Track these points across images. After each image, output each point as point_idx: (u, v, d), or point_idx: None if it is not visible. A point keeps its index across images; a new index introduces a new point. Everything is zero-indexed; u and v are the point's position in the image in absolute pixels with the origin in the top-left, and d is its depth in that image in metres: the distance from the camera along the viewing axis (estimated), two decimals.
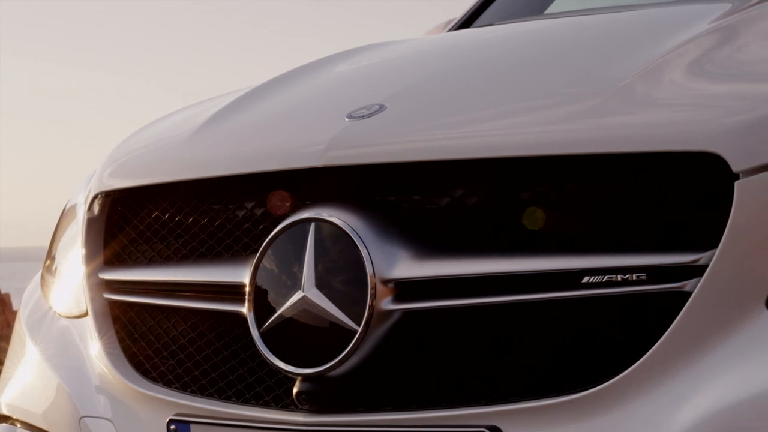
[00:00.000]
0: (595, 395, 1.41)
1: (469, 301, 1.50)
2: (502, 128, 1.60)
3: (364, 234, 1.55)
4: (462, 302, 1.50)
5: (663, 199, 1.45)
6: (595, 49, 1.82)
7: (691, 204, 1.43)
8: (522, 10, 2.69)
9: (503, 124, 1.61)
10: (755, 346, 1.36)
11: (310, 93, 1.96)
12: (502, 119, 1.63)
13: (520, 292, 1.48)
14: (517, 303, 1.48)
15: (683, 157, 1.42)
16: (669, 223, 1.44)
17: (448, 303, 1.51)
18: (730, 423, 1.33)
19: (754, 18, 1.78)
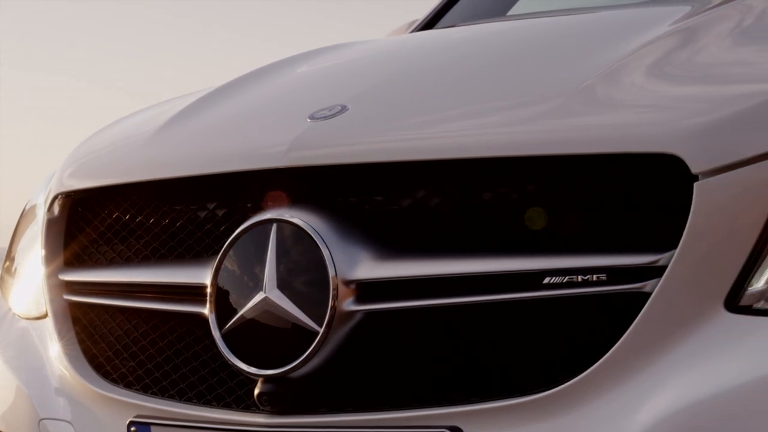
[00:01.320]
0: (556, 395, 1.41)
1: (430, 302, 1.51)
2: (465, 129, 1.61)
3: (326, 235, 1.55)
4: (424, 303, 1.51)
5: (624, 200, 1.45)
6: (557, 50, 1.83)
7: (651, 205, 1.44)
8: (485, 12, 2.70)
9: (465, 125, 1.62)
10: (714, 346, 1.37)
11: (272, 93, 1.96)
12: (464, 120, 1.63)
13: (481, 293, 1.48)
14: (478, 304, 1.48)
15: (643, 158, 1.43)
16: (629, 223, 1.45)
17: (410, 304, 1.51)
18: (689, 423, 1.34)
19: (713, 20, 1.79)
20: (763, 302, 1.38)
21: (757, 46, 1.69)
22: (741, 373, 1.34)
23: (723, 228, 1.39)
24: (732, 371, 1.34)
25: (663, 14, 1.94)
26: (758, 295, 1.38)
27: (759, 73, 1.59)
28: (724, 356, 1.36)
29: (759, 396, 1.33)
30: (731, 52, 1.68)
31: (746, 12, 1.83)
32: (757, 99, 1.44)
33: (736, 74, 1.60)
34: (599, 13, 2.19)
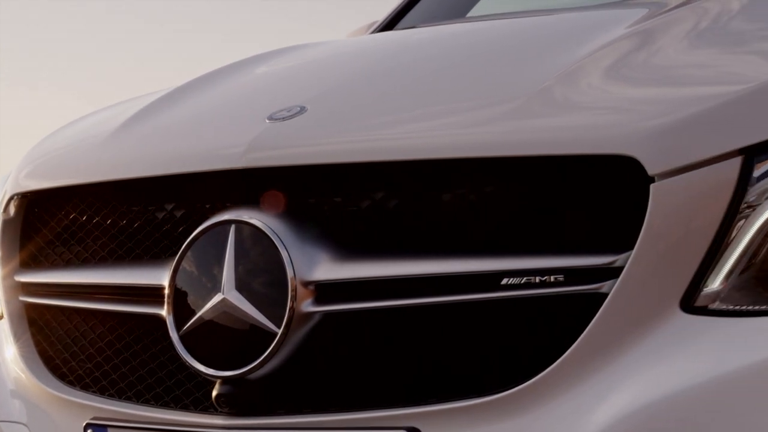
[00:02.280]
0: (514, 396, 1.42)
1: (389, 303, 1.51)
2: (423, 131, 1.61)
3: (285, 236, 1.55)
4: (382, 304, 1.51)
5: (581, 201, 1.46)
6: (515, 52, 1.83)
7: (608, 206, 1.45)
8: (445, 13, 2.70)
9: (424, 127, 1.62)
10: (670, 346, 1.38)
11: (231, 94, 1.96)
12: (422, 122, 1.64)
13: (439, 294, 1.48)
14: (436, 305, 1.49)
15: (601, 159, 1.44)
16: (587, 225, 1.46)
17: (368, 305, 1.51)
18: (645, 423, 1.35)
19: (670, 23, 1.81)
20: (719, 303, 1.40)
21: (712, 48, 1.70)
22: (696, 373, 1.35)
23: (679, 229, 1.40)
24: (687, 372, 1.35)
25: (620, 17, 1.96)
26: (713, 295, 1.40)
27: (714, 75, 1.60)
28: (680, 357, 1.37)
29: (714, 396, 1.34)
30: (687, 55, 1.69)
31: (702, 15, 1.84)
32: (712, 101, 1.46)
33: (692, 76, 1.61)
34: (557, 16, 2.20)
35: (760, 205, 1.40)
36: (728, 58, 1.65)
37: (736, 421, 1.33)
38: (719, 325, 1.38)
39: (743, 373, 1.34)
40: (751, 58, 1.64)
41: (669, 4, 1.97)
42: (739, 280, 1.39)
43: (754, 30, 1.76)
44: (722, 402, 1.33)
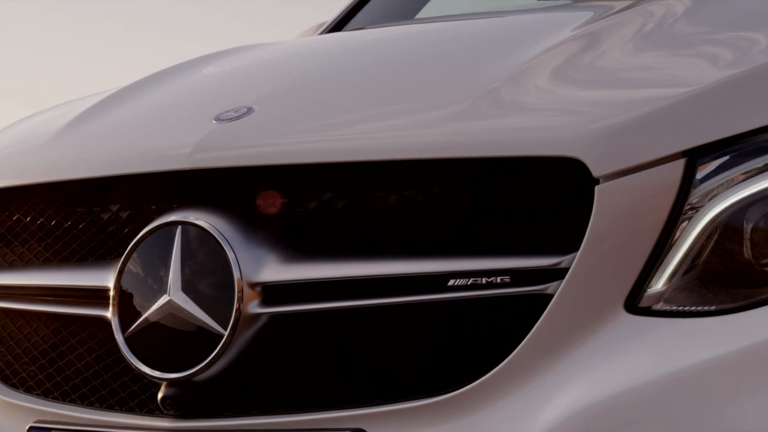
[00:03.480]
0: (460, 396, 1.42)
1: (336, 304, 1.51)
2: (370, 132, 1.61)
3: (232, 237, 1.54)
4: (329, 305, 1.51)
5: (527, 202, 1.47)
6: (463, 54, 1.84)
7: (554, 208, 1.46)
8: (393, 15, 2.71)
9: (371, 128, 1.62)
10: (614, 347, 1.39)
11: (178, 95, 1.95)
12: (370, 123, 1.64)
13: (387, 295, 1.49)
14: (383, 306, 1.49)
15: (547, 161, 1.45)
16: (533, 226, 1.46)
17: (315, 306, 1.51)
18: (589, 422, 1.36)
19: (615, 25, 1.82)
20: (662, 304, 1.41)
21: (657, 51, 1.72)
22: (639, 374, 1.36)
23: (624, 231, 1.41)
24: (630, 372, 1.36)
25: (566, 19, 1.97)
26: (657, 296, 1.41)
27: (659, 78, 1.62)
28: (623, 357, 1.38)
29: (656, 396, 1.35)
30: (633, 57, 1.71)
31: (647, 17, 1.86)
32: (657, 104, 1.47)
33: (637, 79, 1.63)
34: (504, 18, 2.21)
35: (703, 206, 1.41)
36: (672, 60, 1.67)
37: (678, 421, 1.34)
38: (662, 325, 1.39)
39: (685, 373, 1.35)
40: (694, 61, 1.65)
41: (615, 7, 1.98)
42: (682, 281, 1.41)
43: (698, 33, 1.78)
44: (664, 402, 1.35)
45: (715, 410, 1.34)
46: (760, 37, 1.67)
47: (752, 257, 1.40)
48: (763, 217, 1.41)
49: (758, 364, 1.35)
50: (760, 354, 1.35)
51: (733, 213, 1.41)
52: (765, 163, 1.41)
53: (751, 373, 1.35)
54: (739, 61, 1.59)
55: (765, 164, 1.41)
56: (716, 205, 1.41)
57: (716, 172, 1.42)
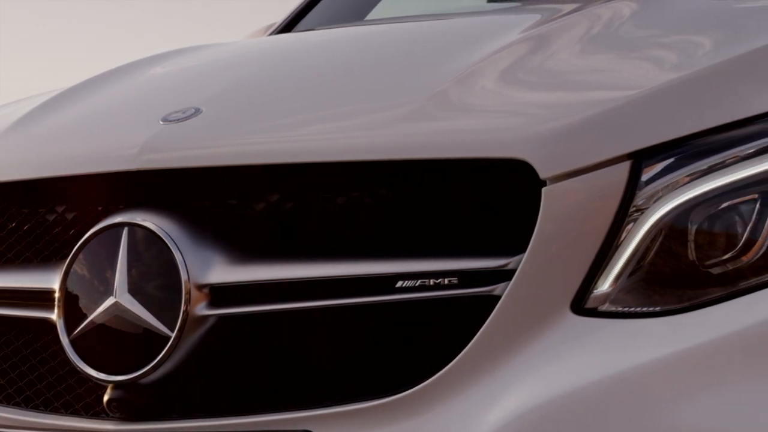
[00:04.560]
0: (408, 398, 1.42)
1: (284, 306, 1.50)
2: (319, 133, 1.61)
3: (179, 238, 1.54)
4: (277, 307, 1.51)
5: (475, 204, 1.47)
6: (412, 55, 1.85)
7: (502, 209, 1.46)
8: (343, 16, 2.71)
9: (320, 129, 1.62)
10: (561, 348, 1.40)
11: (125, 95, 1.93)
12: (319, 124, 1.64)
13: (335, 297, 1.48)
14: (332, 307, 1.49)
15: (494, 163, 1.45)
16: (481, 227, 1.47)
17: (263, 308, 1.51)
18: (536, 423, 1.36)
19: (563, 28, 1.83)
20: (608, 305, 1.42)
21: (605, 53, 1.73)
22: (586, 374, 1.37)
23: (570, 232, 1.42)
24: (577, 372, 1.37)
25: (515, 21, 1.98)
26: (603, 297, 1.42)
27: (606, 80, 1.63)
28: (570, 358, 1.39)
29: (601, 397, 1.36)
30: (580, 59, 1.72)
31: (595, 20, 1.87)
32: (603, 106, 1.48)
33: (584, 81, 1.64)
34: (453, 20, 2.22)
35: (648, 208, 1.42)
36: (619, 63, 1.68)
37: (624, 421, 1.35)
38: (608, 326, 1.40)
39: (630, 373, 1.36)
40: (641, 64, 1.67)
41: (562, 9, 1.99)
42: (627, 283, 1.42)
43: (644, 36, 1.79)
44: (610, 402, 1.36)
45: (660, 410, 1.35)
46: (705, 41, 1.69)
47: (696, 259, 1.41)
48: (707, 218, 1.42)
49: (703, 364, 1.36)
50: (705, 354, 1.37)
51: (677, 215, 1.42)
52: (709, 165, 1.43)
53: (696, 373, 1.36)
54: (685, 64, 1.60)
55: (709, 167, 1.43)
56: (661, 207, 1.42)
57: (661, 175, 1.43)
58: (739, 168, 1.42)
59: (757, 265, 1.40)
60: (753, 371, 1.36)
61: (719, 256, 1.41)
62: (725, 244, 1.41)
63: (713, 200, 1.42)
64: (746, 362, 1.36)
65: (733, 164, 1.42)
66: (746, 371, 1.36)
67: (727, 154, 1.43)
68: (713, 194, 1.42)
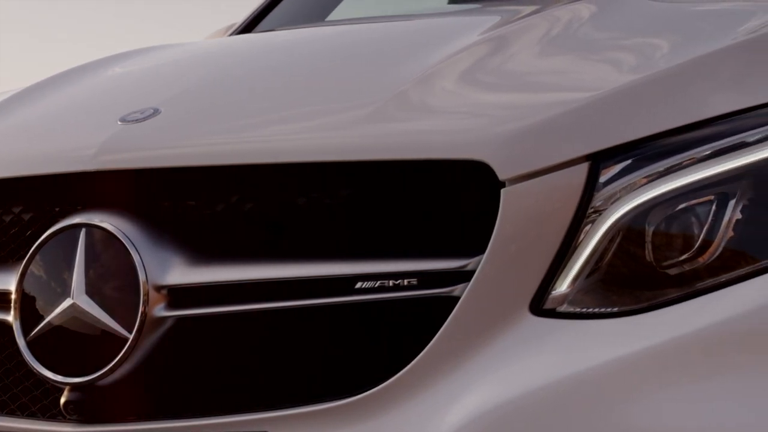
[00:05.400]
0: (367, 399, 1.42)
1: (243, 307, 1.50)
2: (278, 134, 1.61)
3: (137, 239, 1.53)
4: (236, 308, 1.50)
5: (435, 205, 1.48)
6: (373, 56, 1.85)
7: (461, 210, 1.47)
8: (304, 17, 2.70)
9: (279, 130, 1.62)
10: (520, 348, 1.40)
11: (84, 95, 1.92)
12: (278, 125, 1.63)
13: (294, 298, 1.48)
14: (291, 308, 1.48)
15: (454, 164, 1.46)
16: (441, 229, 1.47)
17: (222, 309, 1.50)
18: (496, 423, 1.37)
19: (522, 30, 1.84)
20: (566, 305, 1.42)
21: (564, 55, 1.74)
22: (544, 375, 1.37)
23: (529, 233, 1.42)
24: (536, 373, 1.38)
25: (475, 23, 1.98)
26: (561, 298, 1.42)
27: (565, 82, 1.64)
28: (529, 359, 1.39)
29: (561, 397, 1.36)
30: (540, 61, 1.73)
31: (554, 22, 1.88)
32: (562, 108, 1.49)
33: (543, 83, 1.65)
34: (414, 21, 2.22)
35: (606, 210, 1.43)
36: (578, 65, 1.69)
37: (582, 421, 1.36)
38: (567, 327, 1.41)
39: (588, 374, 1.37)
40: (599, 66, 1.68)
41: (522, 11, 2.00)
42: (586, 284, 1.43)
43: (603, 38, 1.80)
44: (568, 403, 1.36)
45: (618, 410, 1.36)
46: (663, 43, 1.70)
47: (654, 260, 1.42)
48: (664, 220, 1.43)
49: (660, 364, 1.37)
50: (662, 354, 1.38)
51: (635, 216, 1.43)
52: (666, 167, 1.44)
53: (653, 373, 1.37)
54: (642, 66, 1.61)
55: (666, 168, 1.44)
56: (619, 209, 1.43)
57: (619, 176, 1.44)
58: (696, 170, 1.43)
59: (713, 266, 1.41)
60: (709, 371, 1.37)
61: (676, 257, 1.42)
62: (682, 245, 1.42)
63: (670, 202, 1.43)
64: (703, 362, 1.37)
65: (689, 166, 1.43)
66: (703, 371, 1.37)
67: (684, 156, 1.44)
68: (670, 196, 1.43)
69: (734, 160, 1.43)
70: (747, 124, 1.45)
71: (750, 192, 1.42)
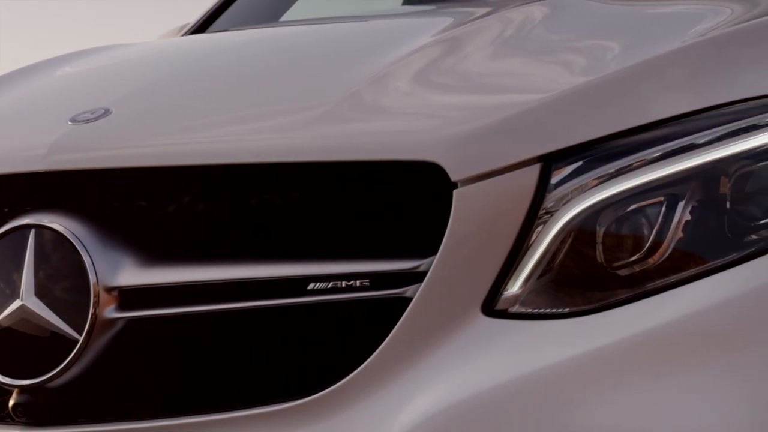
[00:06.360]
0: (318, 401, 1.42)
1: (195, 308, 1.49)
2: (230, 134, 1.60)
3: (87, 240, 1.52)
4: (188, 310, 1.49)
5: (388, 206, 1.48)
6: (326, 57, 1.84)
7: (414, 212, 1.47)
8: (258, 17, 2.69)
9: (231, 131, 1.61)
10: (472, 349, 1.41)
11: (34, 95, 1.91)
12: (230, 125, 1.63)
13: (247, 299, 1.48)
14: (242, 310, 1.48)
15: (406, 165, 1.46)
16: (394, 229, 1.47)
17: (174, 311, 1.50)
18: (448, 423, 1.37)
19: (476, 31, 1.85)
20: (518, 306, 1.43)
21: (516, 57, 1.75)
22: (496, 375, 1.38)
23: (481, 234, 1.43)
24: (487, 374, 1.38)
25: (429, 24, 1.99)
26: (513, 299, 1.43)
27: (517, 83, 1.64)
28: (481, 359, 1.40)
29: (512, 397, 1.37)
30: (492, 62, 1.73)
31: (507, 23, 1.89)
32: (514, 109, 1.49)
33: (495, 84, 1.65)
34: (367, 22, 2.22)
35: (557, 211, 1.44)
36: (530, 66, 1.70)
37: (533, 422, 1.36)
38: (518, 327, 1.41)
39: (539, 374, 1.37)
40: (551, 68, 1.68)
41: (476, 13, 2.01)
42: (537, 284, 1.43)
43: (555, 40, 1.81)
44: (519, 403, 1.37)
45: (569, 410, 1.37)
46: (615, 45, 1.71)
47: (605, 260, 1.43)
48: (615, 221, 1.44)
49: (610, 364, 1.38)
50: (613, 354, 1.38)
51: (586, 217, 1.44)
52: (617, 168, 1.45)
53: (604, 374, 1.38)
54: (594, 68, 1.62)
55: (617, 170, 1.45)
56: (570, 210, 1.43)
57: (570, 177, 1.45)
58: (646, 171, 1.44)
59: (663, 266, 1.42)
60: (660, 371, 1.38)
61: (627, 257, 1.43)
62: (632, 246, 1.43)
63: (621, 203, 1.44)
64: (653, 362, 1.38)
65: (640, 167, 1.44)
66: (653, 371, 1.38)
67: (634, 158, 1.45)
68: (621, 197, 1.44)
69: (684, 161, 1.44)
70: (697, 126, 1.46)
71: (699, 193, 1.44)
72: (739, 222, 1.43)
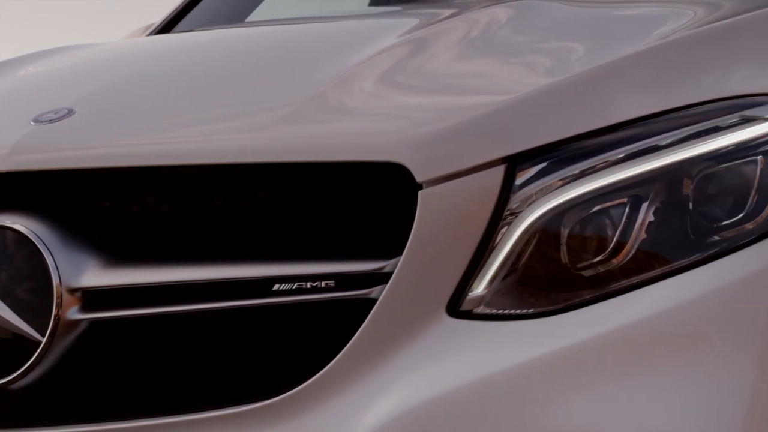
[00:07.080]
0: (283, 402, 1.42)
1: (158, 309, 1.49)
2: (194, 135, 1.60)
3: (50, 241, 1.51)
4: (151, 311, 1.49)
5: (353, 207, 1.48)
6: (291, 58, 1.84)
7: (379, 213, 1.47)
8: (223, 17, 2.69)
9: (195, 131, 1.61)
10: (437, 349, 1.41)
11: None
12: (194, 126, 1.62)
13: (211, 300, 1.47)
14: (207, 311, 1.48)
15: (372, 166, 1.46)
16: (359, 231, 1.47)
17: (137, 312, 1.49)
18: (413, 424, 1.37)
19: (441, 32, 1.85)
20: (483, 307, 1.43)
21: (482, 58, 1.75)
22: (460, 376, 1.38)
23: (446, 235, 1.43)
24: (452, 374, 1.39)
25: (395, 25, 1.99)
26: (478, 300, 1.43)
27: (482, 84, 1.65)
28: (446, 360, 1.40)
29: (477, 398, 1.37)
30: (458, 63, 1.74)
31: (473, 25, 1.89)
32: (479, 110, 1.49)
33: (461, 85, 1.65)
34: (334, 23, 2.23)
35: (522, 212, 1.44)
36: (495, 67, 1.71)
37: (497, 422, 1.37)
38: (483, 328, 1.42)
39: (504, 375, 1.38)
40: (516, 69, 1.69)
41: (441, 14, 2.01)
42: (502, 285, 1.44)
43: (520, 41, 1.82)
44: (484, 404, 1.37)
45: (533, 411, 1.37)
46: (579, 46, 1.72)
47: (569, 261, 1.44)
48: (579, 222, 1.45)
49: (575, 364, 1.39)
50: (577, 355, 1.39)
51: (550, 218, 1.44)
52: (581, 169, 1.45)
53: (569, 374, 1.38)
54: (558, 69, 1.63)
55: (581, 171, 1.45)
56: (535, 211, 1.44)
57: (535, 179, 1.45)
58: (610, 173, 1.45)
59: (626, 267, 1.43)
60: (624, 371, 1.38)
61: (590, 258, 1.43)
62: (596, 247, 1.44)
63: (585, 204, 1.44)
64: (617, 362, 1.39)
65: (604, 169, 1.45)
66: (617, 371, 1.38)
67: (598, 159, 1.46)
68: (585, 198, 1.44)
69: (647, 163, 1.45)
70: (660, 127, 1.47)
71: (662, 195, 1.44)
72: (702, 223, 1.44)
